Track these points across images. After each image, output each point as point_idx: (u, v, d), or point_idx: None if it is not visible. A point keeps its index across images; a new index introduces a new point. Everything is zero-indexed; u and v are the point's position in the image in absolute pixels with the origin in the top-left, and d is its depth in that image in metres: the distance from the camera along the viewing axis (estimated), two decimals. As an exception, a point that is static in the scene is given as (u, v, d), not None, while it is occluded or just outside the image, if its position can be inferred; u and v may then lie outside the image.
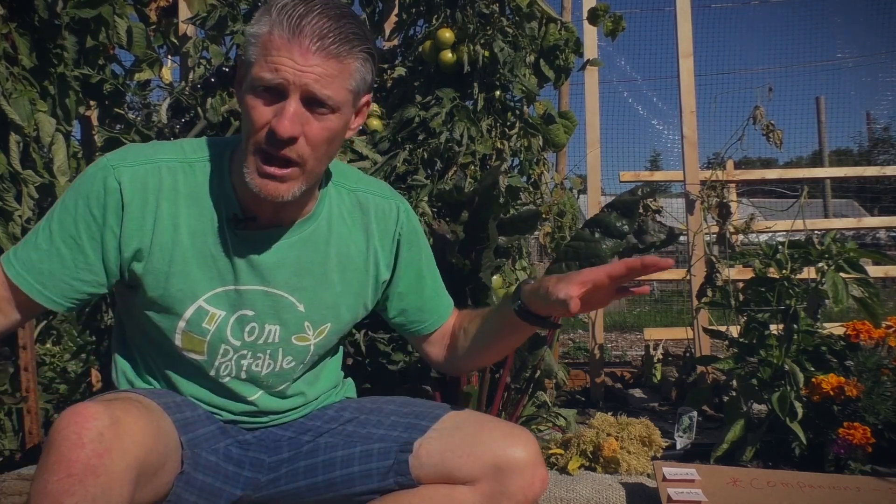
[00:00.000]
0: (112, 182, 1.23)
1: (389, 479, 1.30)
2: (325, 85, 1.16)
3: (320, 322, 1.38)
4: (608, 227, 1.82)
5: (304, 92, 1.16)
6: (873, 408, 2.09)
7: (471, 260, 1.88)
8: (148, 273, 1.26)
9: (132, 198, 1.24)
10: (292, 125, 1.16)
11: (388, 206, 1.42)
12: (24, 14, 2.11)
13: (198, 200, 1.27)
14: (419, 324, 1.48)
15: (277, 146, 1.17)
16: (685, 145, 3.35)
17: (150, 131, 2.41)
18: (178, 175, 1.27)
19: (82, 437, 1.01)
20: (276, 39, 1.15)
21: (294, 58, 1.14)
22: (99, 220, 1.23)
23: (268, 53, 1.16)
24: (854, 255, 2.40)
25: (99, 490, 0.99)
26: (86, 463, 0.99)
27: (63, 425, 1.03)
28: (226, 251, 1.29)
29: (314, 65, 1.15)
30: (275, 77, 1.15)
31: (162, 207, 1.25)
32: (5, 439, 2.20)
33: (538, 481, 1.27)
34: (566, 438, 2.12)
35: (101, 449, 1.01)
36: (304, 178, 1.22)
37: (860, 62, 15.77)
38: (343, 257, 1.37)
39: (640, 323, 7.11)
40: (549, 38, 2.56)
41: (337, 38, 1.16)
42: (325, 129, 1.20)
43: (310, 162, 1.21)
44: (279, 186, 1.20)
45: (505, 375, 2.05)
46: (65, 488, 0.98)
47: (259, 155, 1.19)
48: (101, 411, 1.04)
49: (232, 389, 1.37)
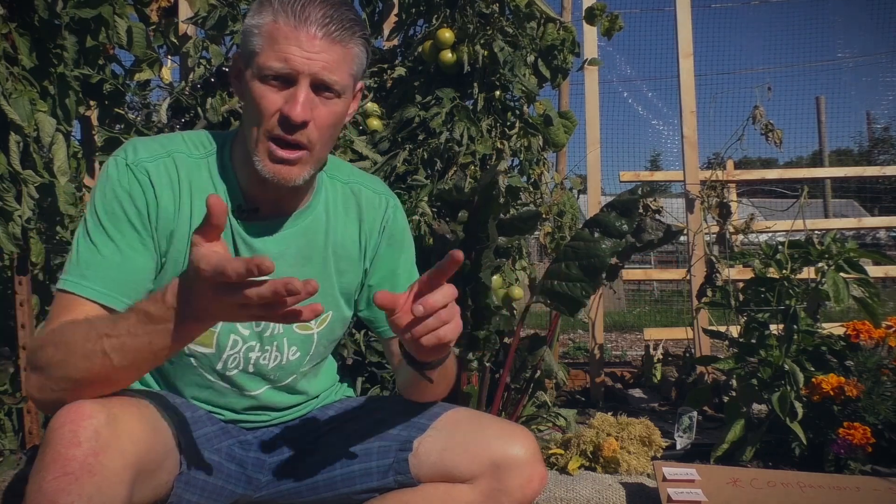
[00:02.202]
0: (143, 178, 1.24)
1: (389, 477, 1.30)
2: (332, 70, 1.20)
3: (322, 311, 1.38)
4: (608, 226, 1.83)
5: (314, 78, 1.19)
6: (873, 408, 2.09)
7: (470, 260, 1.88)
8: (168, 264, 1.28)
9: (162, 191, 1.25)
10: (304, 110, 1.19)
11: (379, 200, 1.44)
12: (24, 14, 2.11)
13: (206, 192, 1.28)
14: (383, 324, 1.44)
15: (290, 130, 1.20)
16: (685, 145, 3.35)
17: (150, 131, 2.41)
18: (189, 168, 1.29)
19: (78, 435, 1.00)
20: (282, 28, 1.18)
21: (302, 45, 1.18)
22: (144, 216, 1.24)
23: (275, 42, 1.18)
24: (854, 255, 2.40)
25: (95, 489, 0.98)
26: (82, 461, 0.99)
27: (59, 423, 1.02)
28: (233, 241, 1.30)
29: (320, 51, 1.19)
30: (284, 66, 1.18)
31: (183, 199, 1.27)
32: (5, 439, 2.20)
33: (537, 479, 1.27)
34: (566, 438, 2.12)
35: (98, 447, 1.00)
36: (313, 162, 1.26)
37: (860, 62, 15.78)
38: (339, 247, 1.39)
39: (640, 323, 7.10)
40: (548, 38, 2.57)
41: (340, 25, 1.20)
42: (332, 112, 1.23)
43: (317, 146, 1.24)
44: (292, 170, 1.23)
45: (505, 375, 2.05)
46: (61, 487, 0.97)
47: (271, 141, 1.21)
48: (97, 409, 1.04)
49: (238, 383, 1.37)
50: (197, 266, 0.96)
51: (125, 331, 1.04)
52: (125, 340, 1.04)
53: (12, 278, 2.20)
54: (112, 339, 1.04)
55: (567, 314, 1.90)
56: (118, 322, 1.06)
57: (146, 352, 1.05)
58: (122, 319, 1.06)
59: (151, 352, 1.05)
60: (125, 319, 1.05)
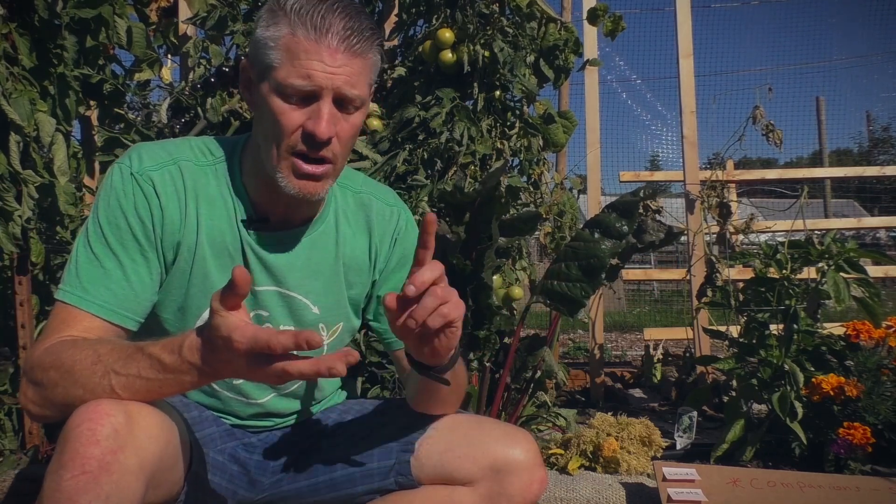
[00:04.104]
0: (148, 188, 1.22)
1: (390, 478, 1.30)
2: (354, 85, 1.17)
3: (333, 322, 1.38)
4: (608, 227, 1.82)
5: (337, 94, 1.16)
6: (873, 408, 2.09)
7: (471, 260, 1.88)
8: (174, 274, 1.26)
9: (167, 201, 1.23)
10: (329, 127, 1.16)
11: (391, 212, 1.41)
12: (24, 14, 2.11)
13: (213, 201, 1.27)
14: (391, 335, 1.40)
15: (316, 147, 1.18)
16: (685, 145, 3.35)
17: (150, 131, 2.42)
18: (196, 176, 1.26)
19: (97, 434, 0.99)
20: (301, 42, 1.14)
21: (324, 60, 1.14)
22: (149, 228, 1.22)
23: (295, 57, 1.14)
24: (854, 254, 2.40)
25: (112, 488, 0.98)
26: (100, 460, 0.98)
27: (78, 422, 1.01)
28: (242, 252, 1.29)
29: (342, 65, 1.15)
30: (307, 83, 1.14)
31: (189, 207, 1.25)
32: (5, 439, 2.20)
33: (537, 482, 1.27)
34: (566, 438, 2.12)
35: (116, 446, 1.00)
36: (334, 176, 1.24)
37: (860, 62, 15.79)
38: (349, 258, 1.37)
39: (640, 323, 7.10)
40: (549, 38, 2.57)
41: (360, 36, 1.17)
42: (353, 125, 1.22)
43: (339, 160, 1.23)
44: (316, 185, 1.21)
45: (505, 375, 2.05)
46: (80, 485, 0.96)
47: (295, 157, 1.19)
48: (115, 408, 1.03)
49: (243, 391, 1.37)
50: (228, 337, 0.95)
51: (136, 372, 1.04)
52: (135, 381, 1.04)
53: (12, 278, 2.20)
54: (121, 378, 1.04)
55: (567, 314, 1.90)
56: (128, 362, 1.05)
57: (155, 393, 1.06)
58: (132, 360, 1.05)
59: (161, 393, 1.06)
60: (135, 361, 1.04)
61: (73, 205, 2.21)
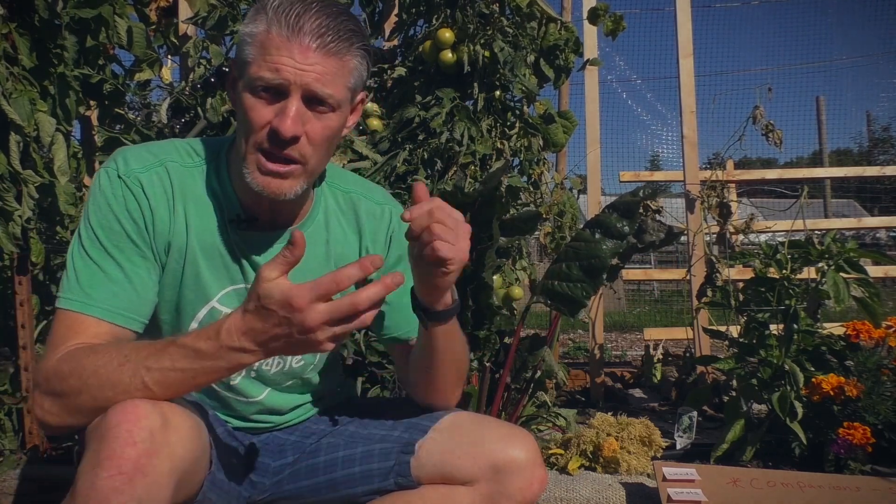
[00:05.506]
0: (137, 189, 1.22)
1: (390, 479, 1.30)
2: (325, 83, 1.16)
3: None
4: (608, 227, 1.82)
5: (306, 91, 1.15)
6: (873, 408, 2.09)
7: (472, 260, 1.88)
8: (167, 275, 1.26)
9: (157, 202, 1.23)
10: (295, 125, 1.15)
11: (381, 210, 1.41)
12: (24, 14, 2.11)
13: (201, 202, 1.27)
14: (396, 329, 1.42)
15: (280, 146, 1.17)
16: (685, 145, 3.35)
17: (150, 131, 2.41)
18: (183, 177, 1.26)
19: (134, 436, 1.00)
20: (274, 38, 1.14)
21: (294, 56, 1.13)
22: (142, 228, 1.22)
23: (266, 52, 1.14)
24: (854, 254, 2.40)
25: (144, 490, 0.98)
26: (136, 461, 0.98)
27: (115, 421, 1.01)
28: (231, 251, 1.29)
29: (314, 63, 1.14)
30: (275, 77, 1.14)
31: (177, 208, 1.25)
32: (5, 439, 2.20)
33: (537, 482, 1.26)
34: (566, 438, 2.12)
35: (152, 449, 1.00)
36: (306, 177, 1.22)
37: (861, 62, 15.80)
38: (339, 258, 1.37)
39: (640, 323, 7.10)
40: (549, 38, 2.56)
41: (336, 36, 1.15)
42: (326, 127, 1.19)
43: (311, 161, 1.21)
44: (282, 184, 1.20)
45: (505, 375, 2.05)
46: (115, 486, 0.96)
47: (260, 153, 1.18)
48: (152, 410, 1.03)
49: (240, 390, 1.37)
50: (285, 298, 0.98)
51: (169, 365, 1.04)
52: (168, 374, 1.04)
53: (12, 278, 2.20)
54: (154, 373, 1.04)
55: (567, 315, 1.90)
56: (160, 356, 1.05)
57: (189, 384, 1.06)
58: (164, 353, 1.05)
59: (195, 384, 1.07)
60: (167, 353, 1.05)
61: (73, 205, 2.21)
